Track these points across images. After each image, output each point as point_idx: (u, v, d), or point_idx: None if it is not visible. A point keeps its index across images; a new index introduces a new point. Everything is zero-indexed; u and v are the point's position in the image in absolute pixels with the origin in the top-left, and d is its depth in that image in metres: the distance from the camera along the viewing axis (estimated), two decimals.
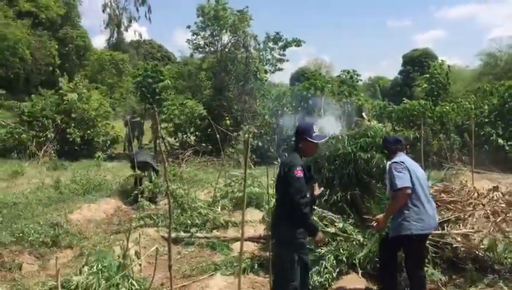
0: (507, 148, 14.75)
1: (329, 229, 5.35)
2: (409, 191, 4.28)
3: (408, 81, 40.99)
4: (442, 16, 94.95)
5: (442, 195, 5.96)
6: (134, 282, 4.72)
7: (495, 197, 5.81)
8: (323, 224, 5.44)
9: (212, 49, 18.61)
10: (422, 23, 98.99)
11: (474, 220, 5.43)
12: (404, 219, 4.32)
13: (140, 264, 5.23)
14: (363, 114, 7.28)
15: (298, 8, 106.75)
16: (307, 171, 4.09)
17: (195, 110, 16.65)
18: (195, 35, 18.44)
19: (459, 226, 5.40)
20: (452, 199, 5.84)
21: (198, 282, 5.33)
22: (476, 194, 5.98)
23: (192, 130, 17.94)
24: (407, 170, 4.37)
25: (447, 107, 16.37)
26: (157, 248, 5.13)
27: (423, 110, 16.04)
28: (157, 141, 13.80)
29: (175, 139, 18.36)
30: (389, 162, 4.57)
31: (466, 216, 5.46)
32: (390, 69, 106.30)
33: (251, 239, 6.90)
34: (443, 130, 15.82)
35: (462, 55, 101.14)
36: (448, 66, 22.53)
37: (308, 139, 4.04)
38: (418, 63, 43.61)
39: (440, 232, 5.27)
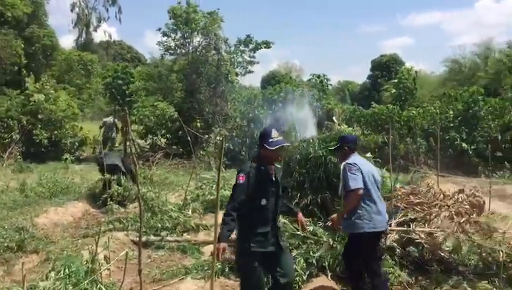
0: (470, 152, 15.21)
1: (299, 233, 5.38)
2: (361, 191, 4.41)
3: (376, 86, 41.73)
4: (408, 23, 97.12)
5: (410, 197, 6.09)
6: (102, 287, 4.64)
7: (460, 199, 5.98)
8: (294, 227, 5.48)
9: (183, 51, 18.49)
10: (390, 29, 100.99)
11: (439, 221, 5.57)
12: (358, 217, 4.45)
13: (109, 269, 5.15)
14: (334, 118, 7.38)
15: (270, 10, 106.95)
16: (272, 177, 3.97)
17: (166, 112, 16.50)
18: (166, 37, 18.29)
19: (425, 225, 5.54)
20: (419, 200, 5.98)
21: (168, 286, 5.29)
22: (441, 195, 6.13)
23: (163, 132, 17.79)
24: (360, 171, 4.50)
25: (413, 112, 16.80)
26: (127, 253, 5.09)
27: (391, 114, 16.42)
28: (127, 143, 13.62)
29: (145, 141, 18.17)
30: (343, 163, 4.65)
31: (432, 217, 5.60)
32: (359, 74, 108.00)
33: None
34: (410, 134, 16.21)
35: (427, 61, 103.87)
36: (416, 72, 23.16)
37: (265, 145, 3.94)
38: (385, 68, 44.48)
39: (405, 229, 5.41)
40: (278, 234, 4.02)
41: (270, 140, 3.90)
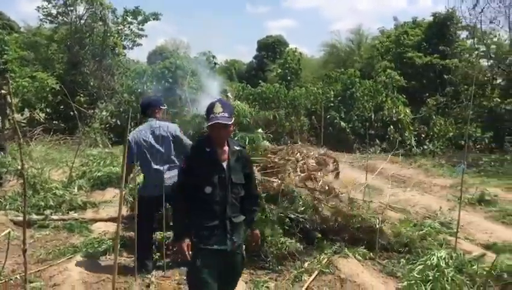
0: (348, 130, 16.48)
1: None
2: (132, 165, 4.96)
3: (262, 66, 42.82)
4: (290, 5, 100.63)
5: (270, 155, 6.35)
6: None
7: (307, 156, 6.38)
8: None
9: (65, 19, 17.21)
10: (274, 10, 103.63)
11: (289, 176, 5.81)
12: (141, 183, 5.08)
13: None
14: (229, 94, 7.52)
15: None
16: (220, 161, 3.23)
17: (46, 84, 15.30)
18: (46, 3, 16.85)
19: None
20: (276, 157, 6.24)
21: (55, 266, 5.06)
22: (295, 154, 6.34)
23: (42, 106, 16.53)
24: (136, 143, 4.89)
25: (298, 92, 17.69)
26: (9, 232, 4.79)
27: (277, 93, 17.10)
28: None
29: (21, 115, 16.75)
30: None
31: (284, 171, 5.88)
32: (246, 54, 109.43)
33: (112, 219, 6.76)
34: (294, 112, 17.05)
35: (309, 44, 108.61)
36: (300, 53, 24.21)
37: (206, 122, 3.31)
38: (271, 49, 45.73)
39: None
40: (232, 231, 3.25)
41: (212, 115, 3.09)
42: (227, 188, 3.21)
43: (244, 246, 3.43)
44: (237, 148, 3.32)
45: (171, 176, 4.80)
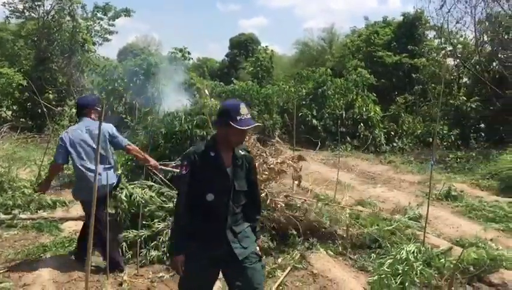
0: (320, 128, 16.64)
1: (166, 205, 5.48)
2: (60, 165, 5.02)
3: (235, 64, 42.79)
4: (263, 3, 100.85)
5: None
6: None
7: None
8: (161, 200, 5.55)
9: (33, 14, 16.77)
10: (247, 9, 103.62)
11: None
12: (76, 185, 5.02)
13: None
14: (205, 90, 7.50)
15: None
16: (225, 166, 3.00)
17: (13, 80, 14.87)
18: None
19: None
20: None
21: (24, 265, 4.98)
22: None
23: (8, 103, 16.09)
24: (70, 142, 4.76)
25: (270, 89, 17.77)
26: None
27: (250, 91, 17.14)
28: None
29: None
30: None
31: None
32: (218, 52, 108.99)
33: (82, 218, 6.62)
34: (267, 110, 17.12)
35: (280, 43, 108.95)
36: (272, 51, 24.30)
37: (231, 123, 2.88)
38: (243, 47, 45.66)
39: None
40: (235, 239, 3.01)
41: (239, 117, 2.87)
42: (230, 196, 3.00)
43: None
44: (242, 152, 3.10)
45: (106, 177, 4.70)
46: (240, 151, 3.08)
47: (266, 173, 5.78)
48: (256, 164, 5.57)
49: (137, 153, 5.21)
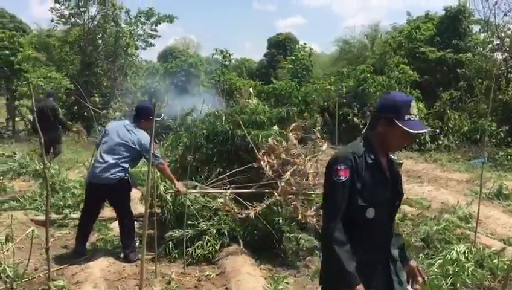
0: (361, 126, 16.38)
1: (211, 205, 5.53)
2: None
3: (273, 64, 42.72)
4: (300, 3, 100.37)
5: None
6: (6, 267, 4.43)
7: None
8: (205, 200, 5.60)
9: (78, 20, 17.37)
10: (284, 8, 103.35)
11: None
12: None
13: (7, 250, 4.88)
14: (250, 90, 7.53)
15: None
16: (387, 174, 2.42)
17: (61, 84, 15.43)
18: (58, 4, 17.00)
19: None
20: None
21: (76, 264, 5.14)
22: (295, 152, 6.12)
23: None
24: (105, 129, 5.45)
25: (310, 88, 17.66)
26: (33, 230, 4.88)
27: (290, 90, 17.10)
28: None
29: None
30: None
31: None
32: (254, 52, 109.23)
33: None
34: (307, 109, 17.03)
35: (318, 42, 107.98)
36: (311, 49, 24.11)
37: (397, 122, 2.30)
38: (282, 46, 45.52)
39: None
40: (393, 265, 2.45)
41: (408, 117, 2.30)
42: (389, 211, 2.46)
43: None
44: (394, 157, 2.59)
45: (106, 167, 5.07)
46: (392, 156, 2.53)
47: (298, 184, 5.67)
48: (289, 172, 5.56)
49: (168, 176, 5.46)
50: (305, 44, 21.92)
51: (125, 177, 5.19)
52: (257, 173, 5.95)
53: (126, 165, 5.18)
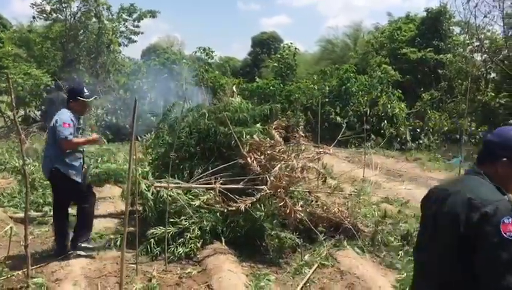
0: (344, 125, 16.49)
1: (194, 203, 5.51)
2: None
3: (257, 62, 42.78)
4: (284, 2, 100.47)
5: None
6: None
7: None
8: (188, 198, 5.58)
9: (60, 16, 17.11)
10: (269, 7, 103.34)
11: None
12: None
13: None
14: (233, 88, 7.54)
15: None
16: None
17: (41, 81, 15.16)
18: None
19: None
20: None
21: (56, 261, 5.09)
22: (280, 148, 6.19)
23: (37, 104, 16.43)
24: None
25: (294, 87, 17.71)
26: (11, 228, 4.81)
27: (273, 88, 17.13)
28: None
29: (17, 113, 16.62)
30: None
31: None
32: (240, 51, 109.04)
33: (111, 215, 6.80)
34: (290, 108, 17.07)
35: (302, 41, 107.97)
36: (295, 49, 24.16)
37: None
38: (266, 45, 45.71)
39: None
40: None
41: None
42: None
43: None
44: None
45: (43, 163, 5.20)
46: None
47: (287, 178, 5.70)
48: (278, 167, 5.59)
49: (80, 144, 5.17)
50: (291, 43, 21.85)
51: (53, 169, 4.96)
52: (242, 169, 5.98)
53: (49, 154, 5.05)
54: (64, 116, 4.94)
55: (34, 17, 17.60)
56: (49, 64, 17.26)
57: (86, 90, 5.16)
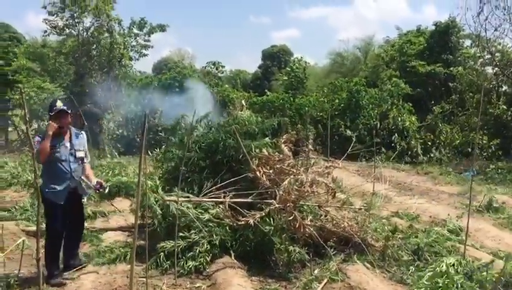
0: (354, 138, 16.43)
1: (203, 217, 5.52)
2: None
3: (267, 75, 43.02)
4: (295, 15, 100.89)
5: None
6: None
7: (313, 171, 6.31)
8: (198, 212, 5.60)
9: (73, 32, 17.40)
10: (279, 21, 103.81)
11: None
12: None
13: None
14: (243, 102, 7.59)
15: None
16: None
17: (54, 94, 15.37)
18: (52, 16, 17.03)
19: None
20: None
21: (68, 275, 5.12)
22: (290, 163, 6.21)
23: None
24: None
25: (304, 100, 17.76)
26: (23, 241, 4.86)
27: (283, 102, 17.19)
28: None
29: (30, 127, 16.83)
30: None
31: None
32: (249, 64, 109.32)
33: (122, 229, 6.83)
34: (300, 121, 17.10)
35: (312, 54, 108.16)
36: (306, 62, 24.29)
37: None
38: (276, 58, 45.96)
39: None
40: None
41: None
42: None
43: None
44: None
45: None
46: None
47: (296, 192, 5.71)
48: (287, 181, 5.59)
49: (46, 144, 4.92)
50: (301, 57, 21.97)
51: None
52: (251, 183, 5.99)
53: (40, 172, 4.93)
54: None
55: (45, 31, 17.86)
56: (62, 78, 17.50)
57: (57, 104, 5.07)
